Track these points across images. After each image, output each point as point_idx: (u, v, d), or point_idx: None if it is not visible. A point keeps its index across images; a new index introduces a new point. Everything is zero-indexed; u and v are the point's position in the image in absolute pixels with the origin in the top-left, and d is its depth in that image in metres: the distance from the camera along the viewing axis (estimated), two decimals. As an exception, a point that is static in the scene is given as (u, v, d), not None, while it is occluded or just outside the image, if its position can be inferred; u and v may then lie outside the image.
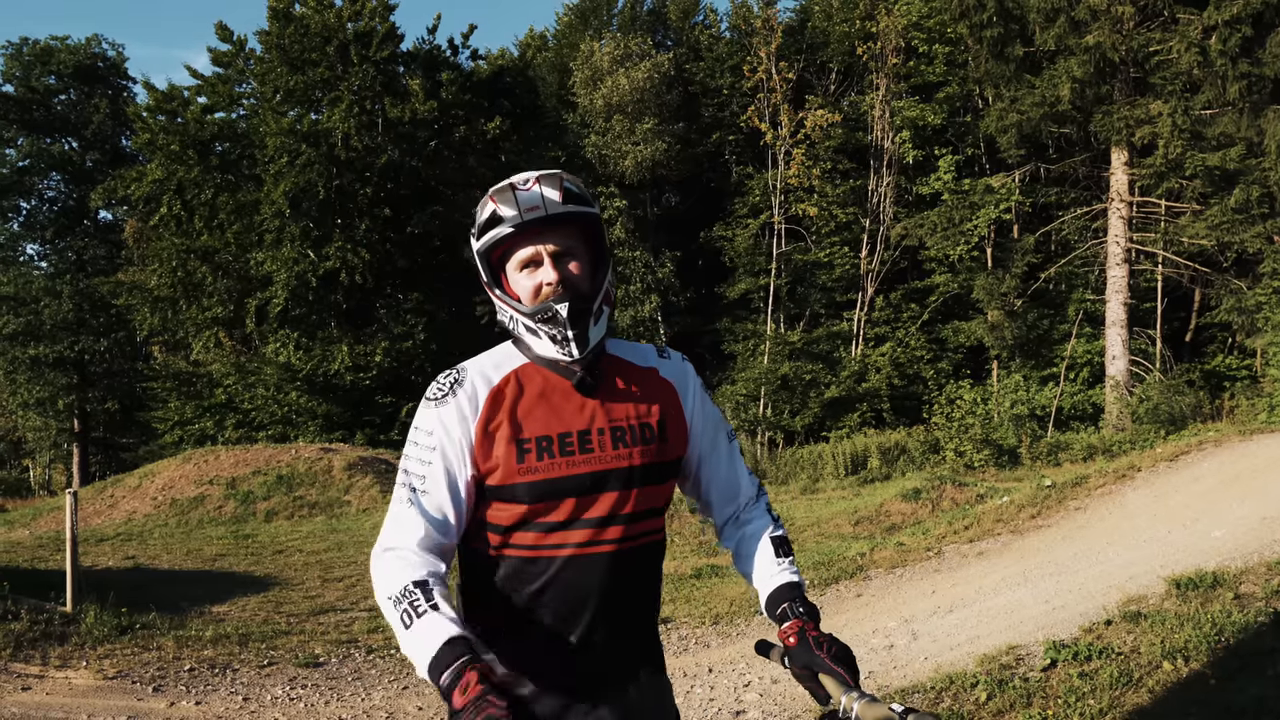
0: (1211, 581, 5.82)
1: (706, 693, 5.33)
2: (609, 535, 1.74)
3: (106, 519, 16.72)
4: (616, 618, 1.79)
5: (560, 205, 1.68)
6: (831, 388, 26.27)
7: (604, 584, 1.75)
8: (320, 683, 5.93)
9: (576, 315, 1.69)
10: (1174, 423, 18.71)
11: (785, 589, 1.79)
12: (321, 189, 23.42)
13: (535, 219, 1.67)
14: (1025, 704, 4.33)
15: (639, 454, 1.76)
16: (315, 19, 24.26)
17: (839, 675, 1.62)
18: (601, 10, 33.42)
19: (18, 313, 32.06)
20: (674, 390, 1.87)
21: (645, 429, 1.78)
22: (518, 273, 1.73)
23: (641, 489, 1.77)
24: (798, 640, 1.69)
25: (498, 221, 1.68)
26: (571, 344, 1.70)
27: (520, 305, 1.72)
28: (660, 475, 1.81)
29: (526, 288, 1.72)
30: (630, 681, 1.83)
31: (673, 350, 1.95)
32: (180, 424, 26.01)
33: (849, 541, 10.37)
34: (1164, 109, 19.87)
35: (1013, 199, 25.23)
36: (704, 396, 1.93)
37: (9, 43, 35.54)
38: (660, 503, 1.83)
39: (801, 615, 1.74)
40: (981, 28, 21.84)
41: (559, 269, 1.70)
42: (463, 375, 1.76)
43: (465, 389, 1.74)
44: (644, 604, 1.88)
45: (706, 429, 1.91)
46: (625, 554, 1.76)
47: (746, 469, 1.98)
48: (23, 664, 6.03)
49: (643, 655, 1.89)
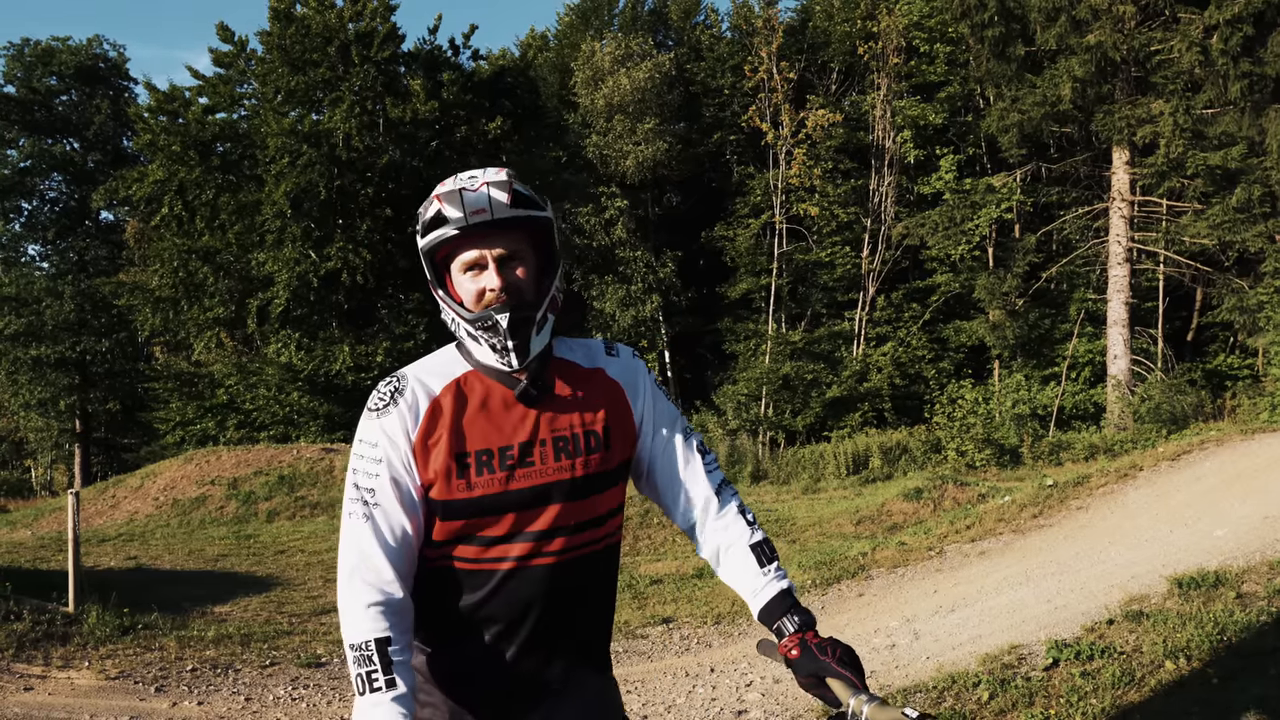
0: (1213, 581, 5.82)
1: (708, 692, 5.33)
2: (551, 547, 1.71)
3: (108, 519, 16.74)
4: (560, 625, 1.76)
5: (508, 209, 1.63)
6: (833, 387, 26.27)
7: (546, 594, 1.72)
8: (322, 683, 5.93)
9: (517, 325, 1.66)
10: (1176, 422, 18.71)
11: (776, 601, 1.76)
12: (323, 189, 23.42)
13: (481, 222, 1.62)
14: (1027, 703, 4.33)
15: (581, 464, 1.73)
16: (316, 19, 24.26)
17: (847, 678, 1.61)
18: (602, 10, 33.43)
19: (19, 313, 32.05)
20: (621, 390, 1.82)
21: (590, 437, 1.74)
22: (461, 274, 1.70)
23: (585, 500, 1.74)
24: (800, 651, 1.68)
25: (442, 222, 1.64)
26: (511, 354, 1.67)
27: (462, 310, 1.69)
28: (604, 483, 1.77)
29: (470, 291, 1.69)
30: (573, 686, 1.81)
31: (623, 346, 1.89)
32: (182, 424, 26.02)
33: (851, 541, 10.37)
34: (1165, 108, 19.86)
35: (1014, 198, 25.23)
36: (656, 394, 1.87)
37: (10, 44, 35.72)
38: (604, 509, 1.79)
39: (799, 626, 1.72)
40: (982, 27, 21.85)
41: (503, 275, 1.66)
42: (404, 384, 1.71)
43: (406, 398, 1.69)
44: (591, 610, 1.84)
45: (659, 428, 1.85)
46: (568, 564, 1.73)
47: (710, 467, 1.88)
48: (25, 664, 6.03)
49: (587, 660, 1.85)
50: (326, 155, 23.52)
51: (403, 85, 25.52)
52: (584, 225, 28.88)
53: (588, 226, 28.94)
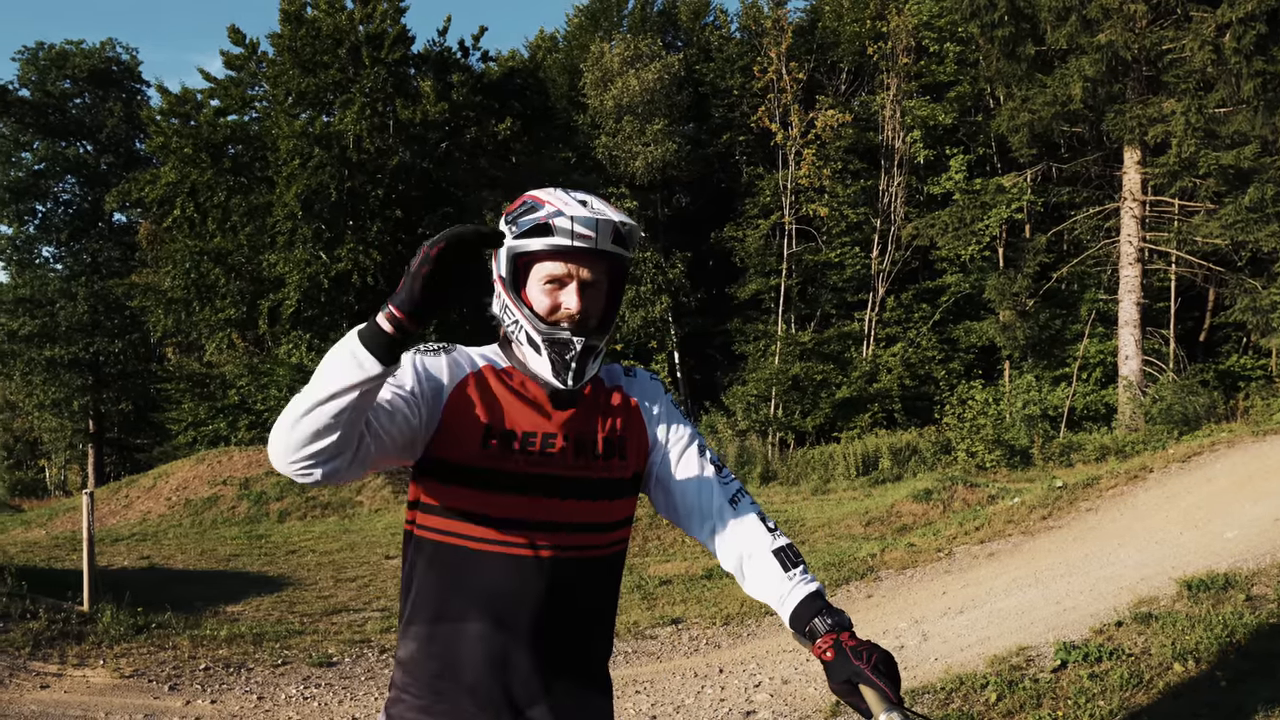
0: (1223, 583, 5.80)
1: (717, 693, 5.35)
2: (555, 540, 1.72)
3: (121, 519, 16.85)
4: (556, 626, 1.74)
5: (610, 243, 1.67)
6: (842, 388, 26.24)
7: (546, 588, 1.72)
8: (334, 682, 5.97)
9: (586, 351, 1.70)
10: (1187, 423, 18.60)
11: (806, 603, 1.70)
12: (333, 191, 23.52)
13: (584, 247, 1.66)
14: (1035, 705, 4.33)
15: (596, 467, 1.76)
16: (327, 22, 24.37)
17: (880, 689, 1.53)
18: (611, 11, 33.48)
19: (34, 314, 32.32)
20: (637, 408, 1.86)
21: (607, 444, 1.79)
22: (540, 284, 1.71)
23: (595, 502, 1.76)
24: (835, 653, 1.60)
25: (546, 232, 1.66)
26: (569, 375, 1.71)
27: (533, 317, 1.71)
28: (615, 491, 1.80)
29: (544, 303, 1.71)
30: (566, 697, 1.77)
31: (640, 369, 1.94)
32: (194, 425, 26.19)
33: (860, 542, 10.37)
34: (1177, 107, 19.76)
35: (1024, 198, 25.15)
36: (672, 412, 1.90)
37: (25, 47, 35.92)
38: (611, 517, 1.80)
39: (832, 627, 1.65)
40: (992, 27, 21.78)
41: (584, 299, 1.69)
42: (452, 348, 1.77)
43: (454, 355, 1.75)
44: (588, 616, 1.82)
45: (674, 446, 1.87)
46: (569, 561, 1.74)
47: (725, 480, 1.86)
48: (41, 662, 6.10)
49: (584, 672, 1.82)
50: (337, 157, 23.61)
51: (413, 87, 25.61)
52: (593, 226, 28.87)
53: (597, 227, 28.93)
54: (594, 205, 1.69)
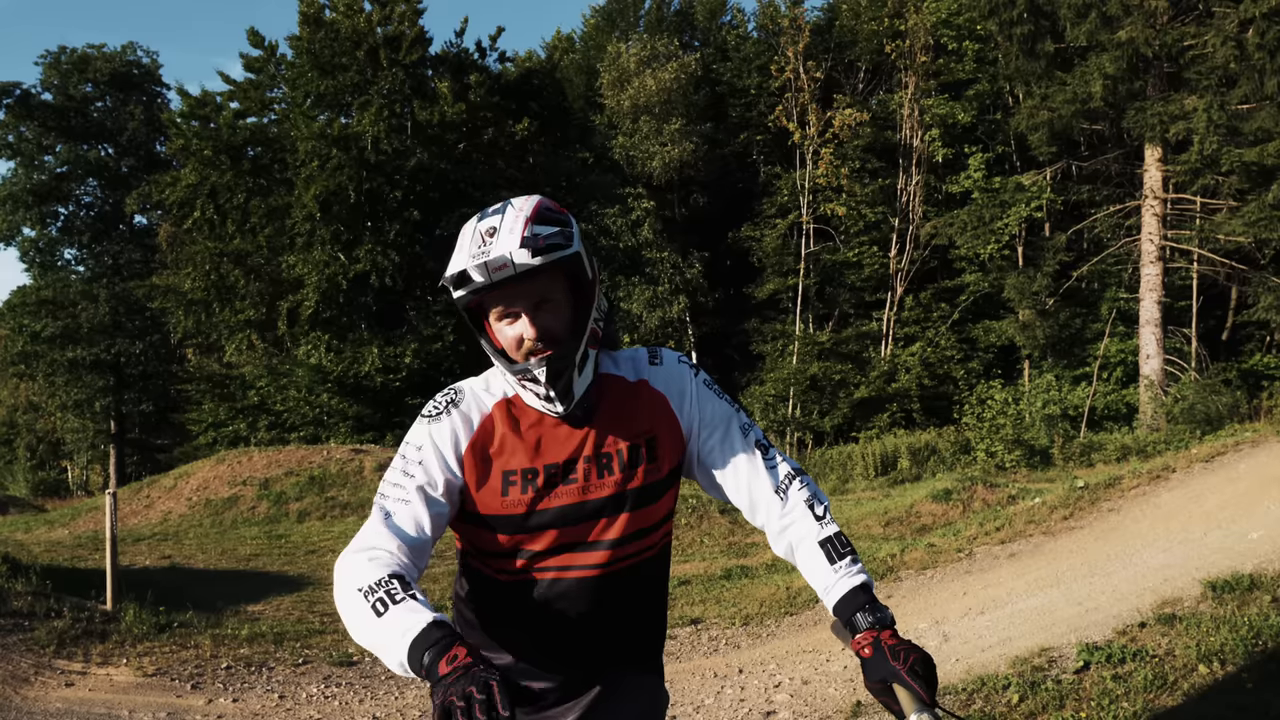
0: (1248, 584, 5.73)
1: (737, 693, 5.33)
2: (594, 560, 1.73)
3: (143, 519, 16.98)
4: (605, 633, 1.80)
5: (529, 261, 1.58)
6: (861, 388, 26.16)
7: (591, 604, 1.75)
8: (354, 681, 6.00)
9: (555, 374, 1.65)
10: (1210, 423, 18.42)
11: (849, 597, 1.67)
12: (352, 192, 23.64)
13: (505, 278, 1.60)
14: (1058, 706, 4.30)
15: (627, 480, 1.74)
16: (345, 24, 24.51)
17: (915, 691, 1.50)
18: (628, 12, 33.51)
19: (56, 316, 32.67)
20: (666, 401, 1.81)
21: (634, 452, 1.75)
22: (498, 322, 1.69)
23: (632, 513, 1.75)
24: (873, 651, 1.57)
25: (466, 281, 1.61)
26: (556, 401, 1.68)
27: (503, 359, 1.69)
28: (652, 494, 1.77)
29: (509, 338, 1.68)
30: (622, 690, 1.85)
31: (667, 353, 1.88)
32: (214, 425, 26.37)
33: (879, 543, 10.32)
34: (1199, 104, 19.58)
35: (1044, 197, 24.98)
36: (704, 395, 1.84)
37: (48, 51, 36.31)
38: (650, 522, 1.79)
39: (873, 624, 1.63)
40: (1011, 24, 21.66)
41: (537, 323, 1.65)
42: (460, 396, 1.75)
43: (460, 408, 1.73)
44: (642, 613, 1.88)
45: (712, 432, 1.82)
46: (613, 575, 1.75)
47: (771, 462, 1.81)
48: (66, 660, 6.15)
49: (639, 663, 1.91)
50: (355, 158, 23.74)
51: (430, 88, 25.72)
52: (610, 226, 28.94)
53: (614, 227, 28.99)
54: (499, 232, 1.60)
